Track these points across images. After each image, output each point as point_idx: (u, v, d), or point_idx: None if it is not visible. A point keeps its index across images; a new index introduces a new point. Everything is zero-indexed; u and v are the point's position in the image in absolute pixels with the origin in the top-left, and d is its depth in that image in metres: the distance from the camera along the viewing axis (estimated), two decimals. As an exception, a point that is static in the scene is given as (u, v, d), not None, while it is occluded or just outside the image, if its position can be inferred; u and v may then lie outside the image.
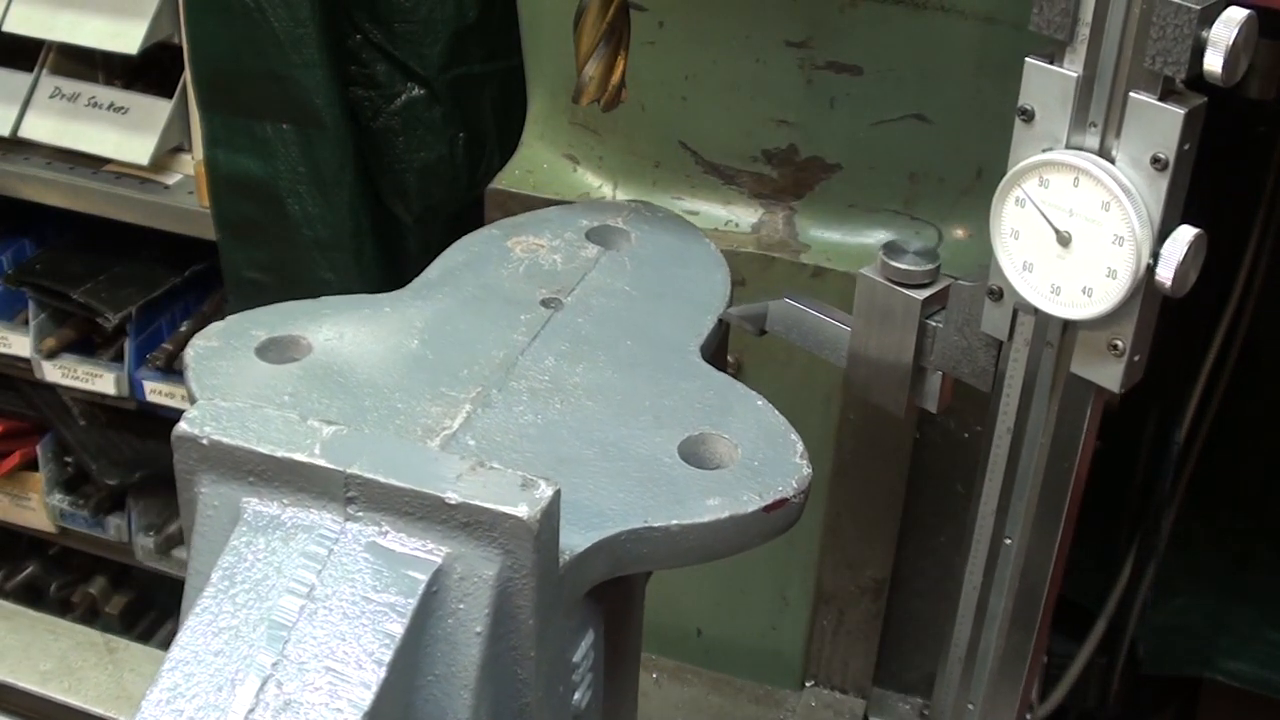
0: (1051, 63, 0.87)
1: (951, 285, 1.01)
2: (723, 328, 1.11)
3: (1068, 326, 0.93)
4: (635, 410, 0.97)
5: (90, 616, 2.39)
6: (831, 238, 1.43)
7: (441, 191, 1.71)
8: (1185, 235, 0.84)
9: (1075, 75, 0.86)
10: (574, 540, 0.83)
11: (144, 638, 2.37)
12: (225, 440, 0.79)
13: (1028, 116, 0.89)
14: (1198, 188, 0.88)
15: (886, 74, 1.33)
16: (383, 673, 0.73)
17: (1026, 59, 0.88)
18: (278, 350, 1.01)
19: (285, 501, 0.79)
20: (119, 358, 2.07)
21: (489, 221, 1.53)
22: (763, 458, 0.92)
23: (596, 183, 1.51)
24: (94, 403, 2.16)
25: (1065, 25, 0.85)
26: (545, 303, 1.09)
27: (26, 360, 2.08)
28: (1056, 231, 0.88)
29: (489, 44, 1.66)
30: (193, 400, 0.96)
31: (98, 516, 2.21)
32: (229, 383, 0.97)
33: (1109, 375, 0.90)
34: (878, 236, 1.41)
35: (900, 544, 1.56)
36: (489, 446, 0.92)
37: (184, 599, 0.83)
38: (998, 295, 0.96)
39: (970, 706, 1.09)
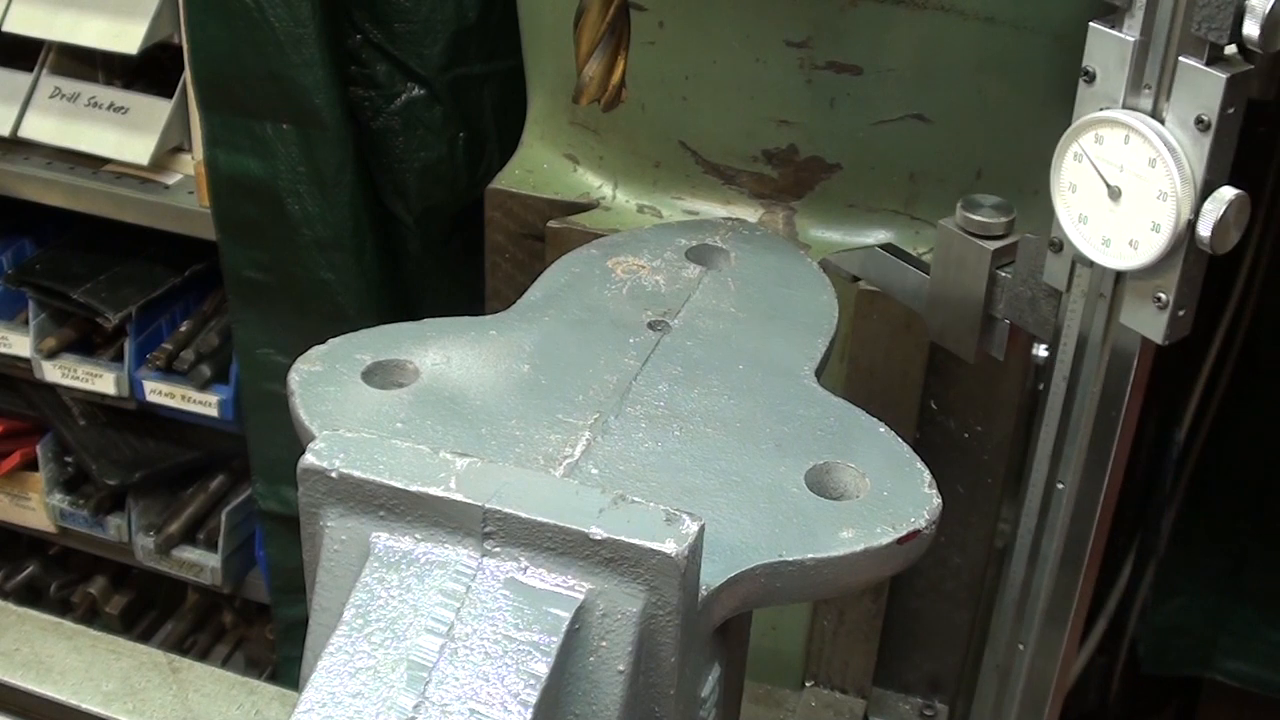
0: (1113, 28, 0.92)
1: (1021, 239, 1.07)
2: (829, 350, 1.09)
3: (1119, 279, 0.98)
4: (756, 438, 0.94)
5: (90, 616, 2.39)
6: (832, 238, 1.43)
7: (441, 191, 1.71)
8: (1226, 195, 0.90)
9: (1133, 40, 0.91)
10: (710, 575, 0.80)
11: (144, 638, 2.37)
12: (355, 474, 0.76)
13: (1089, 77, 0.94)
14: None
15: (886, 74, 1.33)
16: (529, 714, 0.71)
17: (1091, 23, 0.93)
18: (384, 375, 0.98)
19: (418, 536, 0.77)
20: (119, 358, 2.07)
21: (489, 221, 1.54)
22: (891, 487, 0.90)
23: (596, 183, 1.51)
24: (94, 403, 2.16)
25: None
26: (652, 325, 1.07)
27: (26, 360, 2.08)
28: (1108, 186, 0.94)
29: (489, 44, 1.66)
30: (300, 427, 0.93)
31: (98, 516, 2.21)
32: (338, 409, 0.94)
33: (1154, 327, 0.95)
34: (878, 236, 1.41)
35: (900, 544, 1.56)
36: (613, 475, 0.90)
37: (309, 635, 0.80)
38: (1058, 247, 1.01)
39: (1020, 647, 1.13)
